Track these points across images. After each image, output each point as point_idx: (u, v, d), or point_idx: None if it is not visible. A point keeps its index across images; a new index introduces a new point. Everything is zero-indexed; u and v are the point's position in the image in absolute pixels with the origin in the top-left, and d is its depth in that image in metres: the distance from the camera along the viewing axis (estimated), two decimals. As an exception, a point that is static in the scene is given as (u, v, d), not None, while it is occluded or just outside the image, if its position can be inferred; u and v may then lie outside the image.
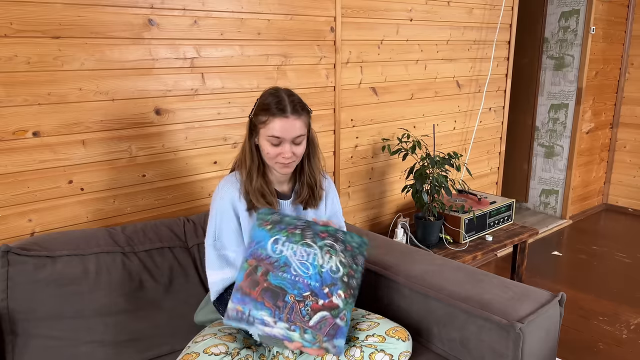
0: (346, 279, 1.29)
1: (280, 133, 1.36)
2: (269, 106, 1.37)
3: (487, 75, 3.17)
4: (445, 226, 2.59)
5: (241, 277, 1.25)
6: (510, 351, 1.39)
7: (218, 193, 1.45)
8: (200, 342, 1.34)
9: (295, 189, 1.54)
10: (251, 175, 1.43)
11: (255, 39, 2.06)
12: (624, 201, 4.47)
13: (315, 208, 1.56)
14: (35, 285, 1.43)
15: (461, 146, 3.15)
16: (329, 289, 1.26)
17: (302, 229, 1.32)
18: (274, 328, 1.22)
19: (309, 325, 1.23)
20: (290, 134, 1.37)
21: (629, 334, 2.49)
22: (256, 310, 1.22)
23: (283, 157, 1.39)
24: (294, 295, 1.24)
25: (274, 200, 1.46)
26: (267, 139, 1.38)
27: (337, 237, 1.33)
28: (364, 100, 2.54)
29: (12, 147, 1.59)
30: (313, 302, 1.24)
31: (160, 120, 1.88)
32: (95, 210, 1.79)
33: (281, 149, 1.38)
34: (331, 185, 1.63)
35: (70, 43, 1.63)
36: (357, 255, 1.33)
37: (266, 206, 1.43)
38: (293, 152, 1.39)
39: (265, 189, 1.44)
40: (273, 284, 1.24)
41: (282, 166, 1.41)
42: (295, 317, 1.23)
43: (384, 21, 2.52)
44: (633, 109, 4.30)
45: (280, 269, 1.26)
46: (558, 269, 3.28)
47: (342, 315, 1.26)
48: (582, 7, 3.80)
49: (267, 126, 1.37)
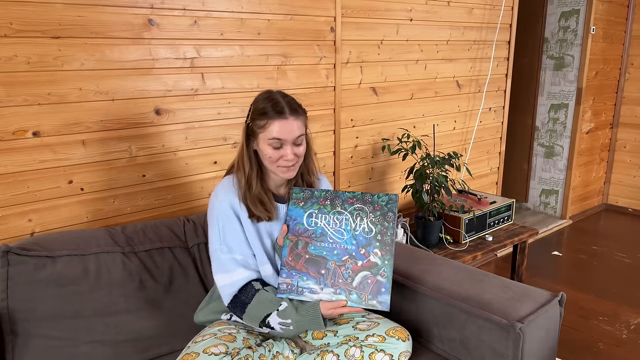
0: (380, 237, 1.38)
1: (281, 135, 1.35)
2: (266, 110, 1.36)
3: (487, 75, 3.17)
4: (445, 226, 2.59)
5: (285, 253, 1.39)
6: (510, 351, 1.39)
7: (216, 198, 1.43)
8: (200, 342, 1.34)
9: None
10: (250, 182, 1.42)
11: (255, 39, 2.06)
12: (624, 201, 4.47)
13: None
14: (35, 285, 1.43)
15: (461, 146, 3.15)
16: (365, 249, 1.37)
17: (331, 199, 1.43)
18: (321, 294, 1.35)
19: (353, 287, 1.35)
20: (291, 135, 1.37)
21: (629, 334, 2.49)
22: (303, 281, 1.36)
23: (285, 159, 1.38)
24: (334, 261, 1.37)
25: (272, 207, 1.45)
26: (268, 142, 1.37)
27: (365, 200, 1.42)
28: (364, 100, 2.54)
29: (12, 147, 1.59)
30: (352, 264, 1.36)
31: (160, 120, 1.88)
32: (95, 210, 1.79)
33: (283, 152, 1.37)
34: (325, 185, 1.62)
35: (70, 43, 1.63)
36: (387, 213, 1.40)
37: (265, 214, 1.43)
38: (295, 153, 1.39)
39: (264, 196, 1.44)
40: (314, 254, 1.38)
41: (285, 170, 1.40)
42: (338, 282, 1.35)
43: (384, 21, 2.52)
44: (633, 109, 4.30)
45: (318, 239, 1.39)
46: (558, 269, 3.28)
47: (382, 272, 1.36)
48: (582, 7, 3.80)
49: (267, 129, 1.36)
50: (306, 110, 1.45)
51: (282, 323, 1.35)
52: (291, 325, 1.35)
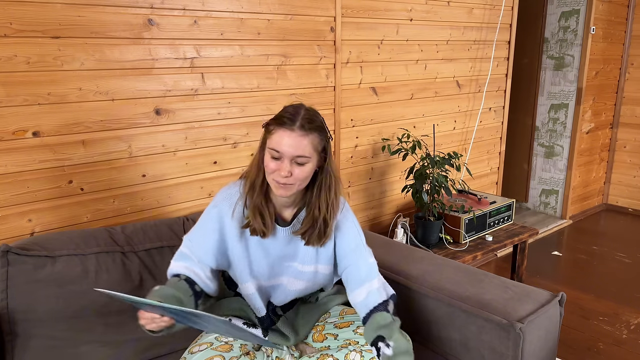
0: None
1: (280, 146, 1.23)
2: (281, 115, 1.26)
3: (487, 75, 3.17)
4: (445, 226, 2.59)
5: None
6: (510, 351, 1.39)
7: (215, 199, 1.39)
8: (196, 353, 1.32)
9: (298, 217, 1.39)
10: (254, 188, 1.32)
11: (255, 39, 2.06)
12: (624, 201, 4.47)
13: (320, 246, 1.40)
14: (35, 285, 1.43)
15: (461, 146, 3.15)
16: None
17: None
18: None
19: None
20: (290, 151, 1.23)
21: (629, 334, 2.49)
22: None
23: (279, 174, 1.25)
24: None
25: (271, 224, 1.34)
26: (268, 150, 1.27)
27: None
28: (364, 100, 2.54)
29: (12, 147, 1.59)
30: None
31: (160, 120, 1.88)
32: (95, 210, 1.79)
33: (279, 165, 1.25)
34: (346, 219, 1.43)
35: (70, 43, 1.63)
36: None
37: (260, 227, 1.31)
38: (291, 172, 1.25)
39: (265, 210, 1.33)
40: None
41: (277, 185, 1.27)
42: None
43: (384, 21, 2.52)
44: (633, 109, 4.30)
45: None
46: (558, 269, 3.28)
47: None
48: (582, 7, 3.80)
49: (272, 136, 1.26)
50: (331, 136, 1.32)
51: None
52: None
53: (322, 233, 1.36)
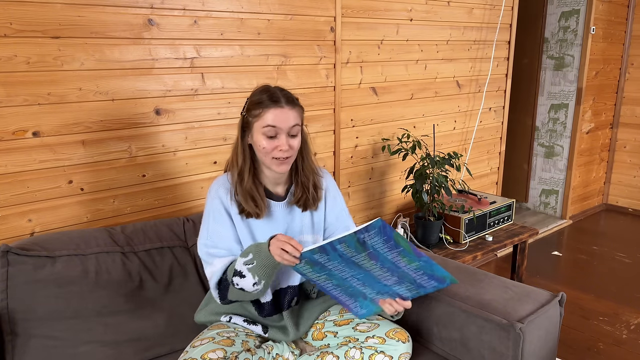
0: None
1: (276, 122, 1.33)
2: (262, 99, 1.36)
3: (487, 75, 3.17)
4: (445, 226, 2.59)
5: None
6: (510, 351, 1.39)
7: (210, 193, 1.44)
8: (198, 347, 1.33)
9: (291, 190, 1.50)
10: (242, 175, 1.41)
11: (255, 39, 2.06)
12: (624, 201, 4.47)
13: (315, 209, 1.52)
14: (35, 285, 1.43)
15: (461, 146, 3.15)
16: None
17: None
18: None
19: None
20: (286, 123, 1.34)
21: (629, 334, 2.49)
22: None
23: (280, 149, 1.35)
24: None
25: (263, 204, 1.42)
26: (262, 131, 1.35)
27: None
28: (364, 100, 2.54)
29: (12, 147, 1.59)
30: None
31: (160, 120, 1.88)
32: (95, 210, 1.79)
33: (277, 142, 1.35)
34: (330, 182, 1.58)
35: (70, 43, 1.63)
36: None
37: (254, 209, 1.39)
38: (290, 144, 1.36)
39: (255, 192, 1.41)
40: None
41: (279, 163, 1.37)
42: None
43: (384, 21, 2.52)
44: (633, 109, 4.30)
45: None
46: (558, 269, 3.28)
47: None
48: (582, 7, 3.80)
49: (262, 118, 1.34)
50: (303, 107, 1.43)
51: (246, 262, 1.30)
52: (253, 258, 1.29)
53: (315, 196, 1.49)
